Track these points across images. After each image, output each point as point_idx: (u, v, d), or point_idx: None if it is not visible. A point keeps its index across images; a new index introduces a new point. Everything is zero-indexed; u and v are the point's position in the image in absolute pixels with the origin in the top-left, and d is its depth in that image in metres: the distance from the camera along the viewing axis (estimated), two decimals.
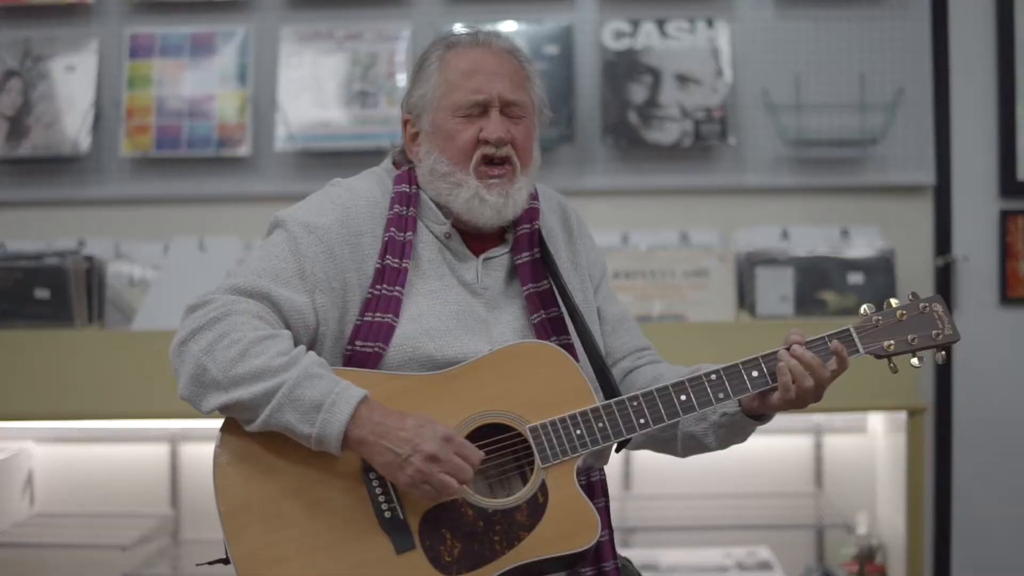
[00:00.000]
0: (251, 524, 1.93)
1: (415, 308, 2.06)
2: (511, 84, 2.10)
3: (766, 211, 3.94)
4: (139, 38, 3.97)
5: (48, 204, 3.99)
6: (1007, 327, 3.92)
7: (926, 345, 2.10)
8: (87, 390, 3.57)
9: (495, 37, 2.15)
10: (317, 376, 1.93)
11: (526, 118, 2.13)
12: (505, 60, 2.12)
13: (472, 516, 1.95)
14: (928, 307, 2.12)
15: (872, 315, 2.10)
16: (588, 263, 2.27)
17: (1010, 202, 3.92)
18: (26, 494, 3.92)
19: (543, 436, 1.99)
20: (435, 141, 2.11)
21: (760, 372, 2.05)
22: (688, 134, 3.88)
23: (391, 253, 2.07)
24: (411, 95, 2.16)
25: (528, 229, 2.17)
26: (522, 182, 2.12)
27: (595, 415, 2.01)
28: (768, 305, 3.70)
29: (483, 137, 2.08)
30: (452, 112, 2.10)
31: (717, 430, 2.13)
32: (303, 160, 3.94)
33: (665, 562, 3.72)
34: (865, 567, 3.76)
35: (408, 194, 2.12)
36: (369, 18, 3.96)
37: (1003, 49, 3.90)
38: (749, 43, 3.92)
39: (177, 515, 3.92)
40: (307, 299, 2.02)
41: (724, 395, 2.04)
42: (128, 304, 3.75)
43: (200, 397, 1.96)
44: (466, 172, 2.09)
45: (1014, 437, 3.93)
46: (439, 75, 2.12)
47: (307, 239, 2.04)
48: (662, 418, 2.03)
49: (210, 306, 1.98)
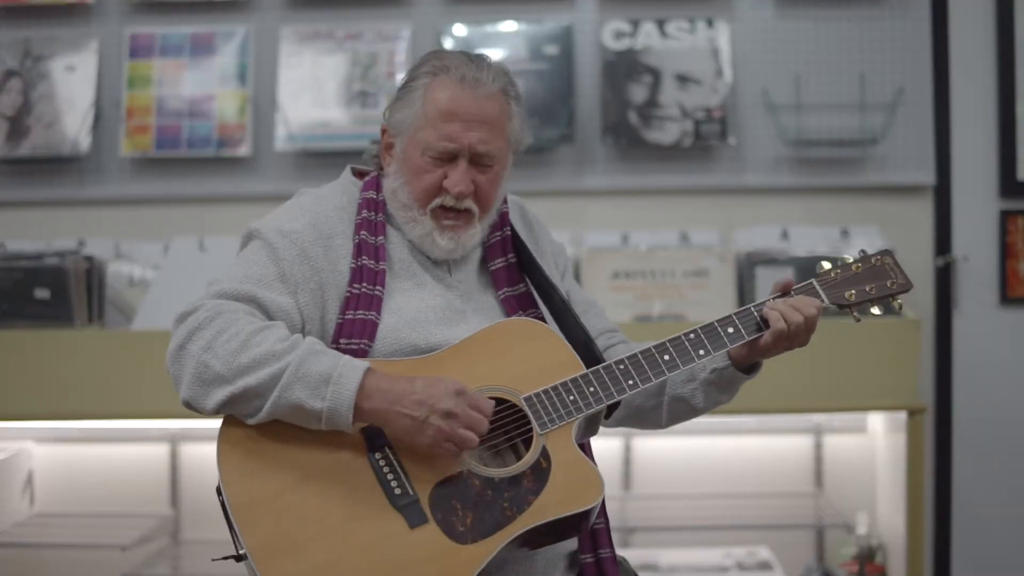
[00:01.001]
0: (263, 516, 1.94)
1: (395, 304, 2.10)
2: (487, 133, 2.11)
3: (766, 211, 3.94)
4: (139, 38, 3.97)
5: (48, 204, 3.99)
6: (1007, 327, 3.92)
7: (883, 295, 2.21)
8: (87, 390, 3.57)
9: (485, 72, 2.13)
10: (321, 352, 1.96)
11: (495, 166, 2.15)
12: (488, 105, 2.12)
13: (479, 487, 1.97)
14: (880, 260, 2.23)
15: (831, 270, 2.21)
16: (554, 255, 2.33)
17: (1010, 202, 3.92)
18: (26, 494, 3.92)
19: (538, 404, 2.03)
20: (403, 169, 2.15)
21: (735, 328, 2.12)
22: (688, 134, 3.88)
23: (366, 254, 2.11)
24: (393, 112, 2.18)
25: (499, 237, 2.22)
26: (477, 228, 2.16)
27: (586, 381, 2.06)
28: None
29: (446, 186, 2.11)
30: (423, 150, 2.12)
31: (706, 387, 2.18)
32: (303, 160, 3.94)
33: (665, 562, 3.72)
34: (865, 567, 3.76)
35: (376, 200, 2.17)
36: (369, 18, 3.96)
37: (1003, 49, 3.90)
38: (749, 43, 3.92)
39: (177, 515, 3.92)
40: (291, 300, 2.05)
41: (704, 351, 2.10)
42: (128, 304, 3.75)
43: (204, 395, 1.96)
44: (423, 212, 2.13)
45: (1014, 437, 3.93)
46: (420, 105, 2.13)
47: (282, 243, 2.08)
48: (649, 378, 2.08)
49: (201, 310, 2.00)
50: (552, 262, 2.30)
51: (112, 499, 3.92)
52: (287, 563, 1.91)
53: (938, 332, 3.90)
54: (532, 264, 2.22)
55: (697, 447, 3.93)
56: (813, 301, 2.13)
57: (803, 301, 2.12)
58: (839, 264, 2.21)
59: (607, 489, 2.07)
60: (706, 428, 3.90)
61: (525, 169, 3.88)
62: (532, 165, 3.90)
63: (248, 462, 1.97)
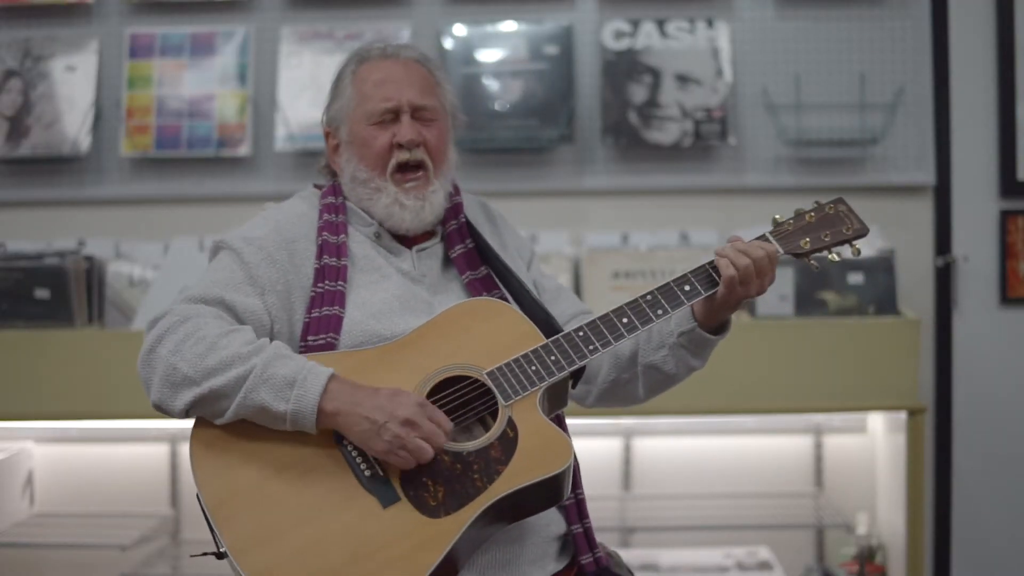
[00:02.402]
0: (238, 512, 1.97)
1: (358, 297, 2.14)
2: (420, 91, 2.22)
3: (766, 211, 3.90)
4: (139, 38, 3.97)
5: (48, 204, 4.00)
6: (1007, 327, 3.92)
7: (839, 240, 2.22)
8: (87, 390, 3.58)
9: (404, 48, 2.27)
10: (287, 356, 2.00)
11: (438, 120, 2.23)
12: (413, 69, 2.24)
13: (449, 461, 2.00)
14: (834, 208, 2.26)
15: (784, 220, 2.22)
16: (517, 247, 2.37)
17: (1010, 202, 3.92)
18: (26, 494, 3.92)
19: (500, 378, 2.05)
20: (353, 149, 2.24)
21: (691, 285, 2.12)
22: (688, 134, 3.88)
23: (328, 253, 2.17)
24: (329, 109, 2.30)
25: (456, 224, 2.27)
26: (437, 184, 2.22)
27: (546, 350, 2.08)
28: (768, 305, 3.70)
29: (396, 141, 2.19)
30: (367, 120, 2.21)
31: (676, 352, 2.18)
32: (303, 160, 3.94)
33: (665, 562, 3.72)
34: (865, 567, 3.76)
35: (335, 204, 2.24)
36: (369, 18, 3.96)
37: (1003, 49, 3.90)
38: (749, 43, 3.93)
39: (177, 515, 3.92)
40: (259, 301, 2.10)
41: (662, 311, 2.11)
42: (128, 304, 3.75)
43: (172, 397, 2.02)
44: (384, 178, 2.21)
45: (1014, 437, 3.93)
46: (352, 87, 2.24)
47: (248, 249, 2.14)
48: (609, 342, 2.09)
49: (170, 315, 2.05)
50: (515, 253, 2.35)
51: (112, 499, 3.92)
52: (265, 551, 1.94)
53: (938, 332, 3.90)
54: (488, 250, 2.26)
55: (697, 447, 3.93)
56: (762, 244, 2.15)
57: (751, 244, 2.14)
58: (793, 215, 2.24)
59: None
60: (706, 428, 3.91)
61: (525, 169, 3.88)
62: (532, 165, 3.90)
63: (220, 460, 2.01)
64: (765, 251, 2.13)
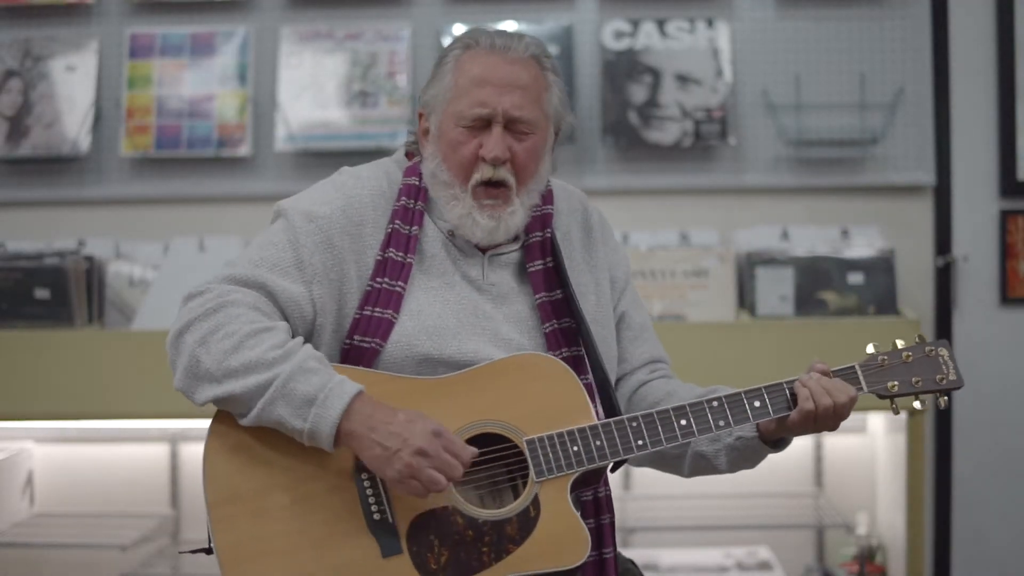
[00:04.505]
0: (238, 516, 1.91)
1: (415, 304, 2.03)
2: (521, 99, 2.05)
3: (766, 211, 3.93)
4: (139, 38, 3.97)
5: (48, 204, 3.99)
6: (1007, 327, 3.92)
7: (929, 389, 2.11)
8: (87, 390, 3.57)
9: (516, 42, 2.08)
10: (312, 370, 1.91)
11: (534, 135, 2.08)
12: (521, 70, 2.06)
13: (462, 525, 1.92)
14: (934, 351, 2.13)
15: (878, 355, 2.11)
16: (610, 266, 2.22)
17: (1010, 202, 3.92)
18: (26, 494, 3.92)
19: (539, 450, 1.95)
20: (439, 145, 2.08)
21: (762, 403, 2.03)
22: (688, 134, 3.88)
23: (394, 246, 2.04)
24: (427, 91, 2.11)
25: (539, 237, 2.13)
26: (517, 204, 2.07)
27: (593, 433, 1.98)
28: (768, 305, 3.70)
29: (481, 154, 2.04)
30: (456, 121, 2.05)
31: (730, 452, 2.09)
32: (303, 160, 3.94)
33: (665, 562, 3.72)
34: (865, 567, 3.76)
35: (417, 187, 2.09)
36: (369, 18, 3.96)
37: (1003, 49, 3.90)
38: (749, 43, 3.92)
39: (177, 515, 3.92)
40: (304, 289, 2.00)
41: (724, 423, 2.02)
42: (128, 304, 3.75)
43: (193, 389, 1.95)
44: (463, 188, 2.06)
45: (1014, 437, 3.93)
46: (452, 77, 2.07)
47: (306, 228, 2.02)
48: (660, 441, 2.00)
49: (206, 296, 1.96)
50: (606, 278, 2.20)
51: (112, 499, 3.92)
52: (254, 568, 1.89)
53: (938, 332, 3.90)
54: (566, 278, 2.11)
55: None
56: (848, 388, 2.03)
57: (837, 385, 2.02)
58: (889, 351, 2.11)
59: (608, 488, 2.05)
60: None
61: None
62: None
63: (233, 459, 1.95)
64: (848, 396, 2.02)
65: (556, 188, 2.23)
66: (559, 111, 2.13)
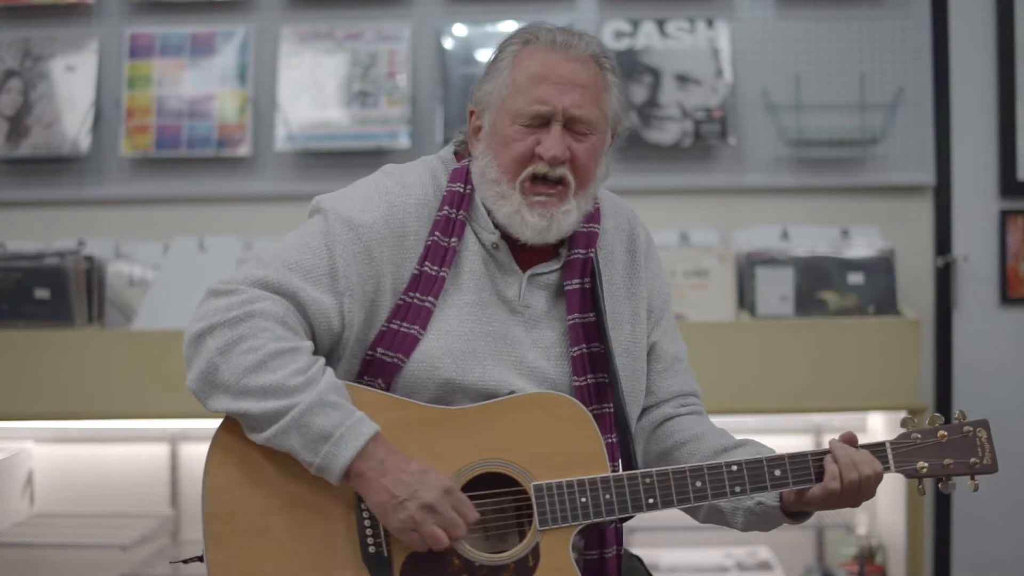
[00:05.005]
0: (233, 533, 1.88)
1: (445, 323, 1.97)
2: (581, 98, 1.97)
3: (766, 211, 3.93)
4: (139, 38, 3.97)
5: (48, 204, 3.99)
6: (1007, 327, 3.92)
7: (960, 472, 2.04)
8: (87, 390, 3.58)
9: (577, 40, 2.00)
10: (331, 404, 1.86)
11: (593, 135, 2.00)
12: (581, 69, 1.98)
13: (457, 566, 1.89)
14: (972, 432, 2.07)
15: (911, 432, 2.03)
16: (649, 293, 2.14)
17: (1010, 202, 3.92)
18: (26, 494, 3.92)
19: (546, 497, 1.90)
20: (492, 143, 1.99)
21: (783, 471, 1.96)
22: (688, 134, 3.88)
23: (431, 259, 1.97)
24: (480, 87, 2.03)
25: (582, 255, 2.05)
26: (572, 204, 1.99)
27: (604, 485, 1.92)
28: (768, 305, 3.70)
29: (539, 152, 1.96)
30: (512, 118, 1.97)
31: (747, 515, 2.04)
32: (303, 160, 3.94)
33: (665, 562, 3.72)
34: (865, 567, 3.76)
35: (461, 194, 2.01)
36: (369, 18, 3.96)
37: (1003, 49, 3.90)
38: (749, 43, 3.92)
39: (177, 515, 3.92)
40: (335, 301, 1.93)
41: (741, 489, 1.95)
42: (128, 304, 3.75)
43: (207, 395, 1.89)
44: (512, 186, 1.97)
45: (1014, 437, 3.92)
46: (509, 73, 1.98)
47: (345, 236, 1.95)
48: (672, 502, 1.94)
49: (233, 298, 1.89)
50: (644, 306, 2.12)
51: (112, 499, 3.92)
52: None
53: (938, 332, 3.90)
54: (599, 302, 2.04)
55: None
56: (874, 463, 1.97)
57: (864, 459, 1.96)
58: (925, 428, 2.03)
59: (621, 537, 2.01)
60: None
61: None
62: None
63: (233, 472, 1.90)
64: (875, 472, 1.96)
65: (604, 202, 2.15)
66: (617, 113, 2.05)
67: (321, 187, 4.04)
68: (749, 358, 3.57)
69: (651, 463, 2.11)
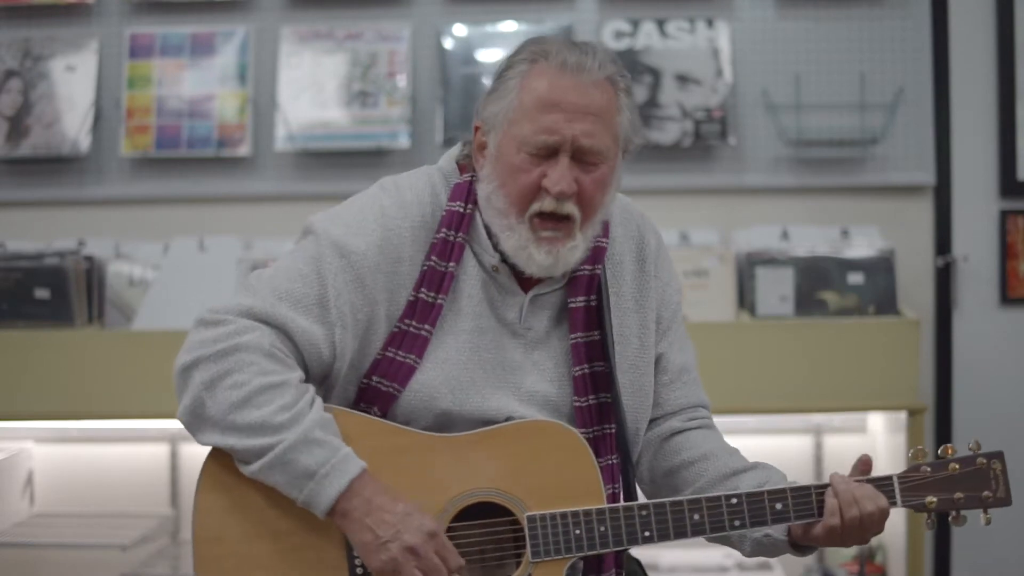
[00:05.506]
0: (221, 558, 1.87)
1: (442, 351, 1.93)
2: (592, 126, 1.88)
3: (766, 211, 3.93)
4: (139, 38, 3.97)
5: (48, 204, 3.99)
6: (1007, 327, 3.92)
7: (972, 506, 1.96)
8: (87, 390, 3.58)
9: (590, 61, 1.89)
10: (315, 442, 1.83)
11: (603, 165, 1.91)
12: (594, 93, 1.88)
13: None
14: (986, 464, 1.98)
15: (921, 465, 1.96)
16: (659, 303, 2.08)
17: (1010, 202, 3.92)
18: (26, 494, 3.92)
19: (539, 528, 1.87)
20: (497, 169, 1.92)
21: (784, 506, 1.91)
22: (688, 134, 3.88)
23: (427, 286, 1.92)
24: (486, 106, 1.94)
25: (588, 272, 1.98)
26: (579, 239, 1.92)
27: (599, 517, 1.88)
28: (768, 305, 3.70)
29: (545, 185, 1.88)
30: (519, 145, 1.89)
31: (755, 546, 2.00)
32: (303, 160, 3.94)
33: (665, 562, 3.72)
34: (865, 567, 3.76)
35: (461, 215, 1.94)
36: (369, 18, 3.96)
37: (1003, 49, 3.90)
38: (749, 43, 3.92)
39: (177, 515, 3.92)
40: (325, 331, 1.89)
41: (740, 523, 1.90)
42: (128, 304, 3.75)
43: (196, 429, 1.89)
44: (520, 219, 1.90)
45: (1014, 437, 3.92)
46: (517, 93, 1.90)
47: (336, 264, 1.89)
48: (668, 535, 1.89)
49: (220, 329, 1.86)
50: (652, 317, 2.06)
51: (112, 499, 3.92)
52: None
53: (938, 332, 3.90)
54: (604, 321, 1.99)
55: None
56: (878, 498, 1.91)
57: (867, 494, 1.90)
58: (936, 460, 1.96)
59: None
60: None
61: None
62: None
63: (223, 497, 1.89)
64: (878, 508, 1.90)
65: (613, 210, 2.07)
66: (629, 134, 1.95)
67: (321, 187, 4.06)
68: (749, 358, 3.57)
69: (658, 479, 2.09)
